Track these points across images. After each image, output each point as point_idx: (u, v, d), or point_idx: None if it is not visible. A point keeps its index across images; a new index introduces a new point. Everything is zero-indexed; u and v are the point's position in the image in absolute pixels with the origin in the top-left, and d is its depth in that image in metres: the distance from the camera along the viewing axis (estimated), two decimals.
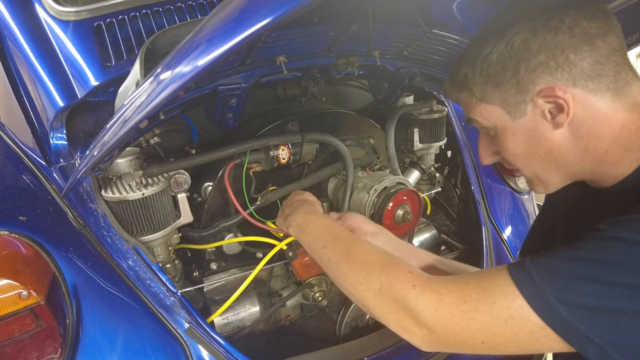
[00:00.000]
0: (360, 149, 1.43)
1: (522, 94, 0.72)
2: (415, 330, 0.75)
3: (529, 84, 0.71)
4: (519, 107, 0.73)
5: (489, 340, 0.69)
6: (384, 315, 0.80)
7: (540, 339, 0.65)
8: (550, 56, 0.69)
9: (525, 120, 0.74)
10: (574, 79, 0.69)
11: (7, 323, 0.83)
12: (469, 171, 1.60)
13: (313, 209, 1.09)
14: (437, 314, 0.72)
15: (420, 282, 0.76)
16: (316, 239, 0.99)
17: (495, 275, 0.70)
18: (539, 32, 0.69)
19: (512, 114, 0.75)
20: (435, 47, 1.09)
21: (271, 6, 0.45)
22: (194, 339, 0.98)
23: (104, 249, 1.01)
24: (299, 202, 1.11)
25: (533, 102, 0.72)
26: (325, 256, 0.94)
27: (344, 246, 0.91)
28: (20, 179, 1.10)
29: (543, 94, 0.70)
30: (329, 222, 1.03)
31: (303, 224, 1.04)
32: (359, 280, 0.83)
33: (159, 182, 1.02)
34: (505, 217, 1.60)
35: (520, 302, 0.65)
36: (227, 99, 0.95)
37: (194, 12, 1.21)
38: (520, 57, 0.71)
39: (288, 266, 1.27)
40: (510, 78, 0.72)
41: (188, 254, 1.28)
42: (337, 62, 1.03)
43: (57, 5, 1.09)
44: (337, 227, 1.01)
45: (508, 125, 0.76)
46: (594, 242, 0.63)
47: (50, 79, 1.06)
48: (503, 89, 0.74)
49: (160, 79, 0.60)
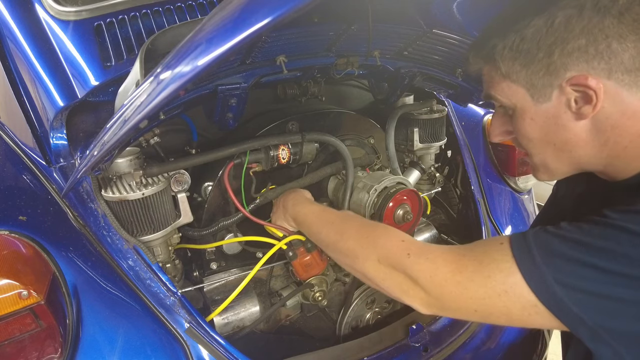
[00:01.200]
0: (360, 148, 1.43)
1: (551, 77, 0.67)
2: (413, 292, 0.78)
3: (560, 68, 0.65)
4: (544, 91, 0.69)
5: (481, 310, 0.71)
6: (384, 283, 0.83)
7: (532, 315, 0.66)
8: (592, 41, 0.62)
9: (548, 106, 0.69)
10: (610, 70, 0.63)
11: (7, 323, 0.82)
12: (469, 171, 1.60)
13: (300, 198, 1.13)
14: (432, 280, 0.74)
15: (415, 249, 0.79)
16: (310, 228, 1.06)
17: (495, 249, 0.70)
18: (586, 11, 0.62)
19: (535, 97, 0.70)
20: (435, 47, 1.09)
21: (271, 6, 0.45)
22: (194, 338, 0.98)
23: (104, 249, 1.01)
24: (286, 197, 1.16)
25: (560, 88, 0.67)
26: (323, 242, 1.00)
27: (336, 228, 0.97)
28: (20, 178, 1.10)
29: (574, 81, 0.65)
30: (317, 208, 1.08)
31: (295, 216, 1.10)
32: (357, 255, 0.88)
33: (159, 182, 1.01)
34: (505, 217, 1.60)
35: (516, 278, 0.66)
36: (227, 98, 0.95)
37: (194, 12, 1.21)
38: (558, 37, 0.64)
39: (288, 266, 1.26)
40: (542, 58, 0.66)
41: (188, 253, 1.28)
42: (337, 62, 1.03)
43: (57, 5, 1.09)
44: (325, 211, 1.06)
45: (528, 109, 0.72)
46: (599, 229, 0.63)
47: (50, 78, 1.06)
48: (531, 69, 0.68)
49: (160, 78, 0.60)
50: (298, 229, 1.14)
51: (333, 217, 1.01)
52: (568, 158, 0.73)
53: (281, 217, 1.16)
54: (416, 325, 1.23)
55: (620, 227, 0.61)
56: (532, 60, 0.68)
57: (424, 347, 1.20)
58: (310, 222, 1.05)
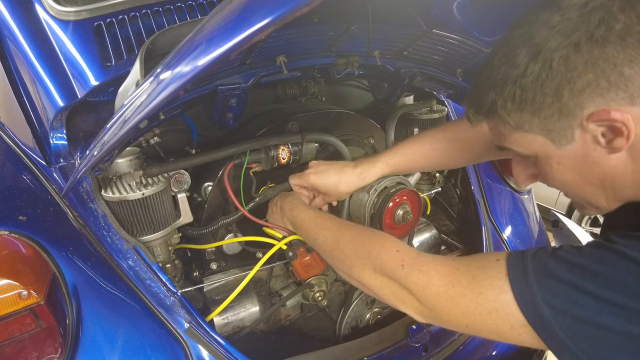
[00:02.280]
0: (360, 148, 1.43)
1: (568, 119, 0.61)
2: (409, 302, 0.78)
3: (575, 108, 0.60)
4: (563, 133, 0.63)
5: (472, 325, 0.71)
6: (381, 291, 0.83)
7: (521, 335, 0.65)
8: (600, 74, 0.57)
9: (573, 147, 0.63)
10: (631, 96, 0.58)
11: (7, 323, 0.82)
12: (469, 171, 1.60)
13: (296, 202, 1.13)
14: (425, 293, 0.74)
15: (409, 260, 0.79)
16: (307, 233, 1.06)
17: (490, 266, 0.69)
18: (582, 46, 0.57)
19: (557, 142, 0.64)
20: (436, 47, 1.09)
21: (271, 6, 0.45)
22: (194, 338, 0.98)
23: (104, 249, 1.00)
24: (282, 201, 1.16)
25: (582, 127, 0.61)
26: (319, 248, 1.01)
27: (332, 235, 0.97)
28: (20, 178, 1.10)
29: (595, 117, 0.59)
30: (313, 213, 1.08)
31: (293, 221, 1.10)
32: (353, 264, 0.88)
33: (158, 182, 1.01)
34: (505, 217, 1.60)
35: (507, 297, 0.65)
36: (227, 98, 0.95)
37: (194, 12, 1.21)
38: (562, 79, 0.59)
39: (288, 266, 1.26)
40: (551, 103, 0.61)
41: (188, 254, 1.28)
42: (337, 62, 1.03)
43: (57, 5, 1.09)
44: (321, 216, 1.06)
45: (553, 154, 0.66)
46: (598, 252, 0.60)
47: (50, 78, 1.06)
48: (543, 116, 0.63)
49: (160, 78, 0.60)
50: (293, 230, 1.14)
51: (329, 223, 1.01)
52: (611, 193, 0.67)
53: (278, 219, 1.16)
54: (416, 325, 1.23)
55: (620, 252, 0.58)
56: (540, 107, 0.62)
57: (424, 347, 1.20)
58: (307, 227, 1.05)
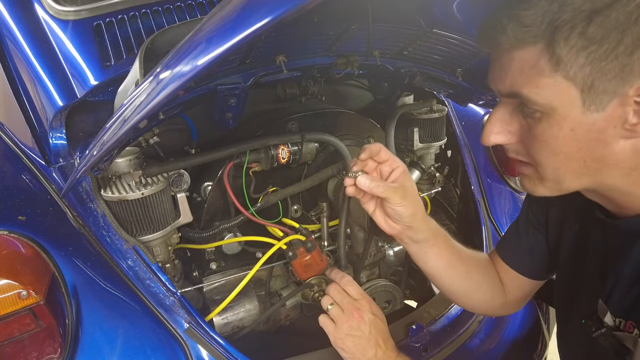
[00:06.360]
0: (360, 148, 1.42)
1: (618, 81, 0.52)
2: None
3: (636, 73, 0.51)
4: (600, 98, 0.53)
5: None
6: None
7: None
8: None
9: (598, 117, 0.55)
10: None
11: (7, 323, 0.82)
12: (469, 171, 1.60)
13: (390, 345, 0.93)
14: None
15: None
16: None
17: None
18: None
19: (587, 104, 0.54)
20: (436, 46, 1.09)
21: (271, 6, 0.45)
22: (194, 338, 0.98)
23: (103, 249, 1.00)
24: (377, 331, 0.93)
25: (624, 97, 0.53)
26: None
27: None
28: (19, 178, 1.10)
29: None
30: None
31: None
32: None
33: (158, 182, 1.01)
34: (505, 217, 1.60)
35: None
36: (226, 98, 0.95)
37: (194, 11, 1.21)
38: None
39: (288, 266, 1.26)
40: (618, 56, 0.50)
41: (188, 253, 1.28)
42: (337, 62, 1.03)
43: (57, 4, 1.09)
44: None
45: (573, 117, 0.56)
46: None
47: (49, 78, 1.06)
48: (599, 67, 0.52)
49: (159, 78, 0.60)
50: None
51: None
52: (591, 177, 0.60)
53: (369, 351, 0.92)
54: (416, 325, 1.23)
55: None
56: (605, 54, 0.51)
57: (424, 347, 1.20)
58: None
